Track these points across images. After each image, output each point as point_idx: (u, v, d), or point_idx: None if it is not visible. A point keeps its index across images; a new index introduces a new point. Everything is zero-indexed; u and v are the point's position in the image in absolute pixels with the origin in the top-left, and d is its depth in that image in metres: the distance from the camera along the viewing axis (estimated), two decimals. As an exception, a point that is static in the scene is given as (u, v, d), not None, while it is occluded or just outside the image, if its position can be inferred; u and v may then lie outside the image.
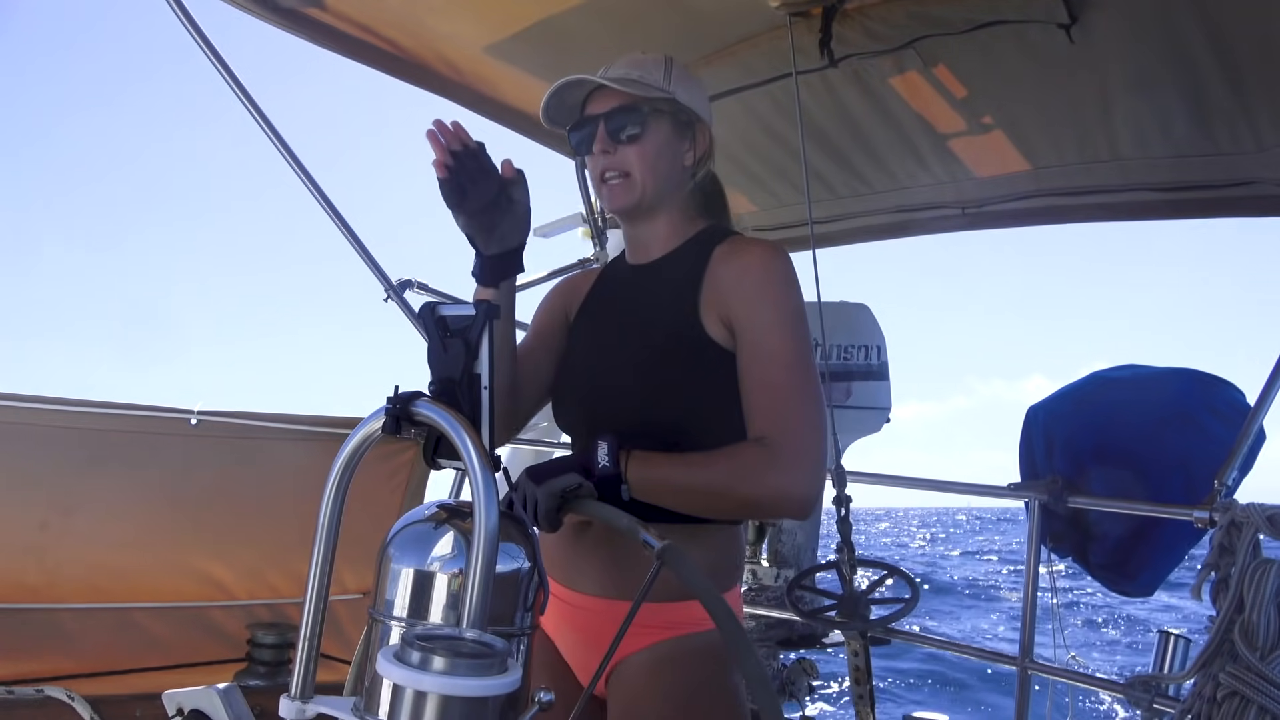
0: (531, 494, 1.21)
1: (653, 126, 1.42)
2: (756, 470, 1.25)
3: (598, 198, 1.48)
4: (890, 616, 2.50)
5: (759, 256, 1.38)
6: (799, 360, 1.31)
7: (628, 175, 1.42)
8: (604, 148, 1.42)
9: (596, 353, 1.49)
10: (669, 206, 1.48)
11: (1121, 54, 2.24)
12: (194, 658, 2.38)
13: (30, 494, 2.17)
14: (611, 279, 1.60)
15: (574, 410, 1.51)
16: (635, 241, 1.53)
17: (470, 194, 1.29)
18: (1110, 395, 2.45)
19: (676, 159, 1.46)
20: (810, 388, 1.31)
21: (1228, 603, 1.65)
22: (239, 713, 1.16)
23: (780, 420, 1.27)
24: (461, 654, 0.77)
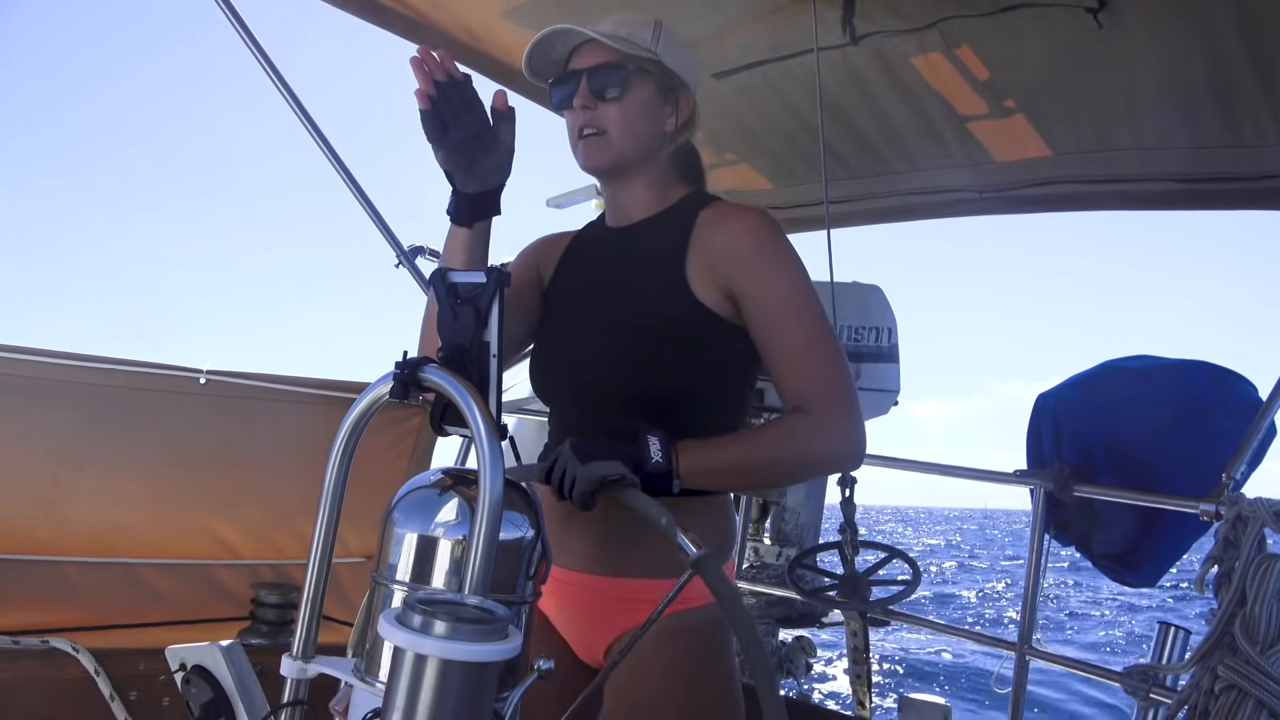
0: (572, 470, 1.20)
1: (636, 86, 1.40)
2: (803, 437, 1.27)
3: (575, 155, 1.44)
4: (890, 598, 2.51)
5: (753, 220, 1.37)
6: (817, 318, 1.33)
7: (604, 133, 1.39)
8: (584, 103, 1.39)
9: (579, 320, 1.45)
10: (646, 170, 1.45)
11: (1149, 41, 2.20)
12: (198, 615, 2.40)
13: (41, 448, 2.18)
14: (589, 242, 1.57)
15: (556, 379, 1.48)
16: (614, 204, 1.51)
17: (452, 127, 1.25)
18: (1121, 385, 2.43)
19: (657, 122, 1.43)
20: (832, 342, 1.33)
21: (1230, 596, 1.64)
22: (241, 670, 1.17)
23: (813, 383, 1.29)
24: (463, 619, 0.78)
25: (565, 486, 1.20)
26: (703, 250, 1.36)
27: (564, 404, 1.48)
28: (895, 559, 2.55)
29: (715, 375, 1.38)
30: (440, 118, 1.25)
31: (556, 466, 1.21)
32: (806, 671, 3.34)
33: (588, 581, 1.39)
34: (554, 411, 1.52)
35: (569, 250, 1.57)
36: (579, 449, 1.21)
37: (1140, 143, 2.55)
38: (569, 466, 1.20)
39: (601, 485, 1.18)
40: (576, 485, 1.18)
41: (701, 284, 1.35)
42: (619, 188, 1.48)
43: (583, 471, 1.18)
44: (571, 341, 1.45)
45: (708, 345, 1.35)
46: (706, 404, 1.38)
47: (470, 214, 1.34)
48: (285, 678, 1.06)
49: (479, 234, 1.36)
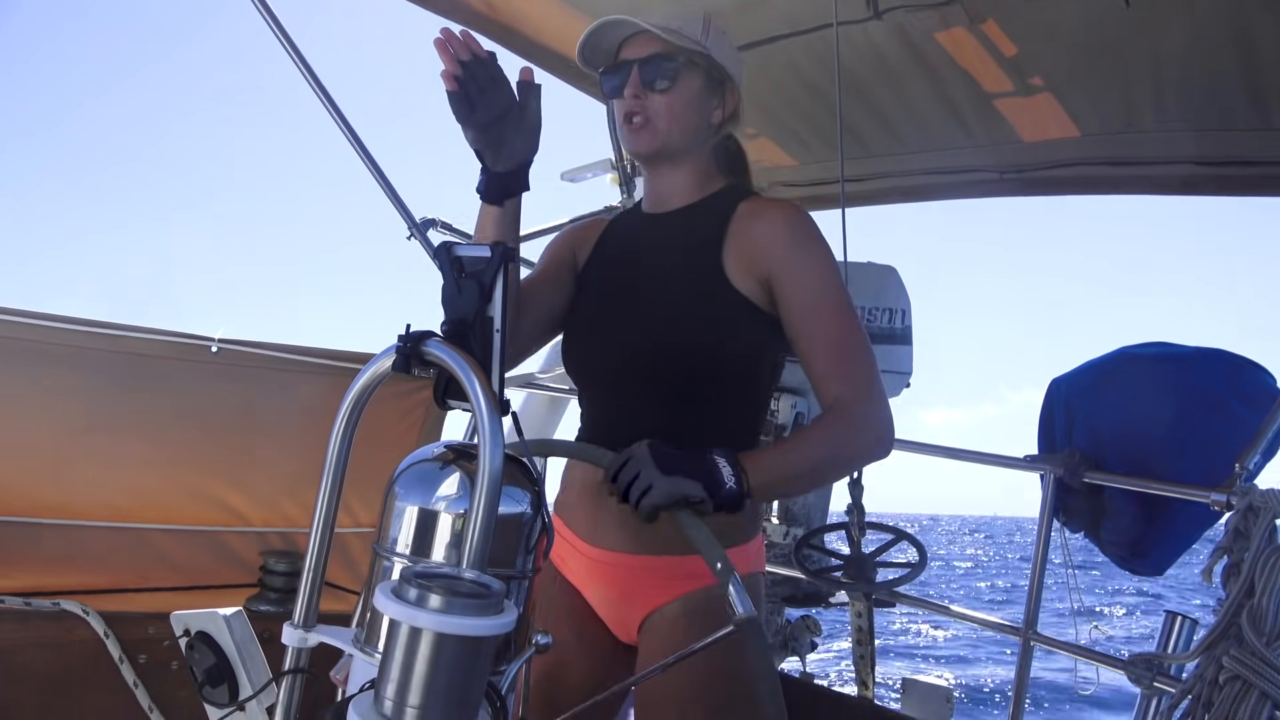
0: (649, 478, 1.19)
1: (685, 77, 1.43)
2: (851, 434, 1.32)
3: (621, 140, 1.49)
4: (896, 580, 2.50)
5: (791, 213, 1.41)
6: (849, 311, 1.37)
7: (651, 121, 1.43)
8: (635, 92, 1.42)
9: (613, 301, 1.48)
10: (691, 159, 1.48)
11: (1177, 21, 2.15)
12: (208, 580, 2.43)
13: (53, 412, 2.20)
14: (626, 228, 1.59)
15: (590, 359, 1.49)
16: (654, 191, 1.53)
17: (479, 106, 1.25)
18: (1136, 372, 2.40)
19: (704, 114, 1.47)
20: (863, 334, 1.37)
21: (1238, 587, 1.63)
22: (243, 637, 1.18)
23: (850, 378, 1.32)
24: (458, 593, 0.77)
25: (637, 491, 1.19)
26: (740, 239, 1.40)
27: (597, 384, 1.50)
28: (901, 541, 2.55)
29: (747, 361, 1.41)
30: (468, 97, 1.25)
31: (629, 467, 1.21)
32: (811, 650, 3.35)
33: (620, 560, 1.41)
34: (586, 392, 1.53)
35: (605, 234, 1.59)
36: (661, 459, 1.21)
37: (1166, 125, 2.51)
38: (646, 473, 1.19)
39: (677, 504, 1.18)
40: (652, 496, 1.17)
41: (737, 272, 1.38)
42: (661, 175, 1.51)
43: (665, 484, 1.18)
44: (607, 324, 1.47)
45: (741, 332, 1.38)
46: (737, 388, 1.42)
47: (501, 192, 1.35)
48: (286, 645, 1.06)
49: (510, 211, 1.37)
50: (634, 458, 1.21)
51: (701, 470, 1.21)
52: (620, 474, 1.21)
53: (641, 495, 1.18)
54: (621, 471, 1.21)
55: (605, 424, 1.47)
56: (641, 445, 1.23)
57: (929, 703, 2.89)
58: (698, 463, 1.22)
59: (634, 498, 1.19)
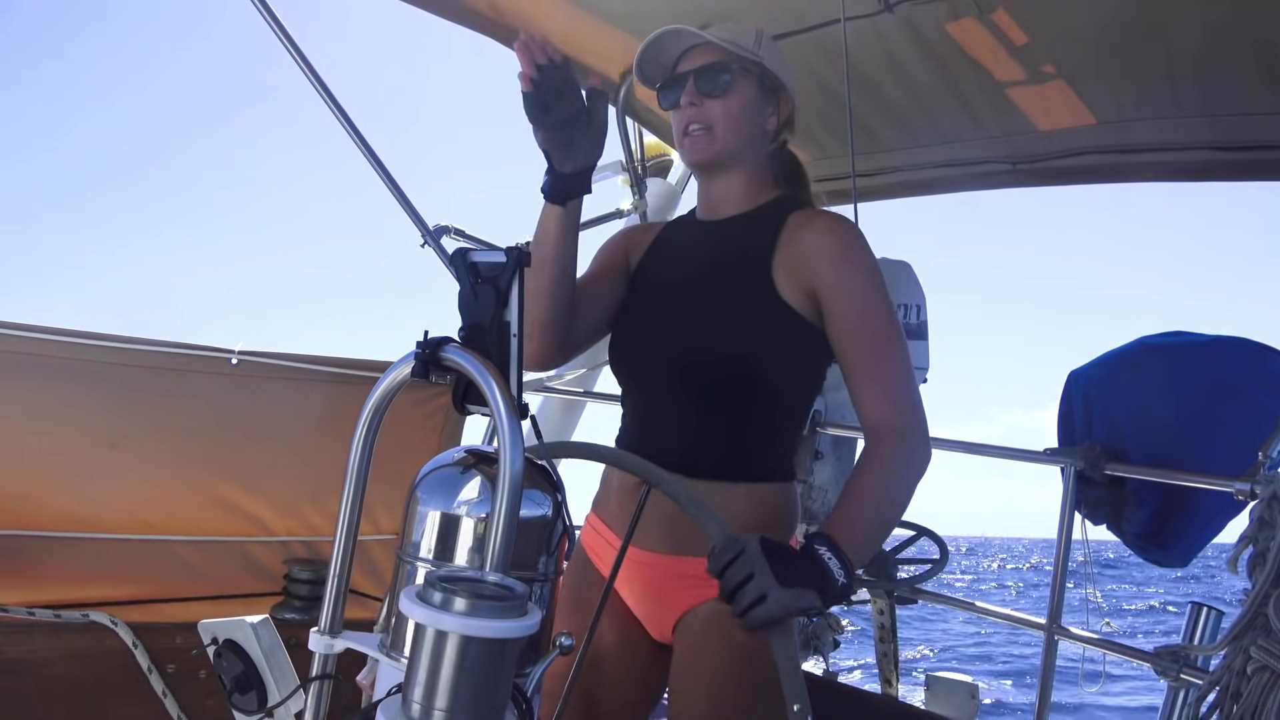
0: (763, 586, 1.10)
1: (740, 85, 1.47)
2: (907, 463, 1.31)
3: (679, 151, 1.52)
4: (917, 577, 2.50)
5: (836, 224, 1.43)
6: (893, 325, 1.38)
7: (710, 129, 1.46)
8: (691, 100, 1.46)
9: (663, 305, 1.50)
10: (747, 166, 1.51)
11: (1190, 3, 2.14)
12: (233, 590, 2.46)
13: (75, 427, 2.23)
14: (678, 233, 1.61)
15: (639, 361, 1.51)
16: (709, 198, 1.55)
17: (552, 109, 1.29)
18: (1154, 362, 2.38)
19: (759, 121, 1.50)
20: (904, 349, 1.38)
21: (1265, 577, 1.62)
22: (270, 644, 1.20)
23: (896, 399, 1.33)
24: (482, 596, 0.78)
25: (749, 599, 1.10)
26: (788, 250, 1.42)
27: (643, 386, 1.52)
28: (922, 538, 2.54)
29: (791, 371, 1.43)
30: (542, 99, 1.28)
31: (740, 565, 1.11)
32: (834, 649, 3.34)
33: (657, 560, 1.43)
34: (631, 393, 1.55)
35: (659, 239, 1.62)
36: (777, 563, 1.12)
37: (1181, 110, 2.49)
38: (761, 580, 1.10)
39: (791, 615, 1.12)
40: (769, 609, 1.10)
41: (786, 283, 1.40)
42: (716, 182, 1.53)
43: (784, 597, 1.10)
44: (656, 327, 1.49)
45: (786, 343, 1.40)
46: (780, 397, 1.44)
47: (565, 193, 1.38)
48: (312, 651, 1.07)
49: (571, 212, 1.41)
50: (746, 555, 1.12)
51: (815, 573, 1.15)
52: (729, 571, 1.12)
53: (753, 604, 1.10)
54: (731, 568, 1.12)
55: (648, 425, 1.49)
56: (754, 540, 1.14)
57: (954, 698, 2.88)
58: (810, 564, 1.16)
59: (743, 605, 1.10)
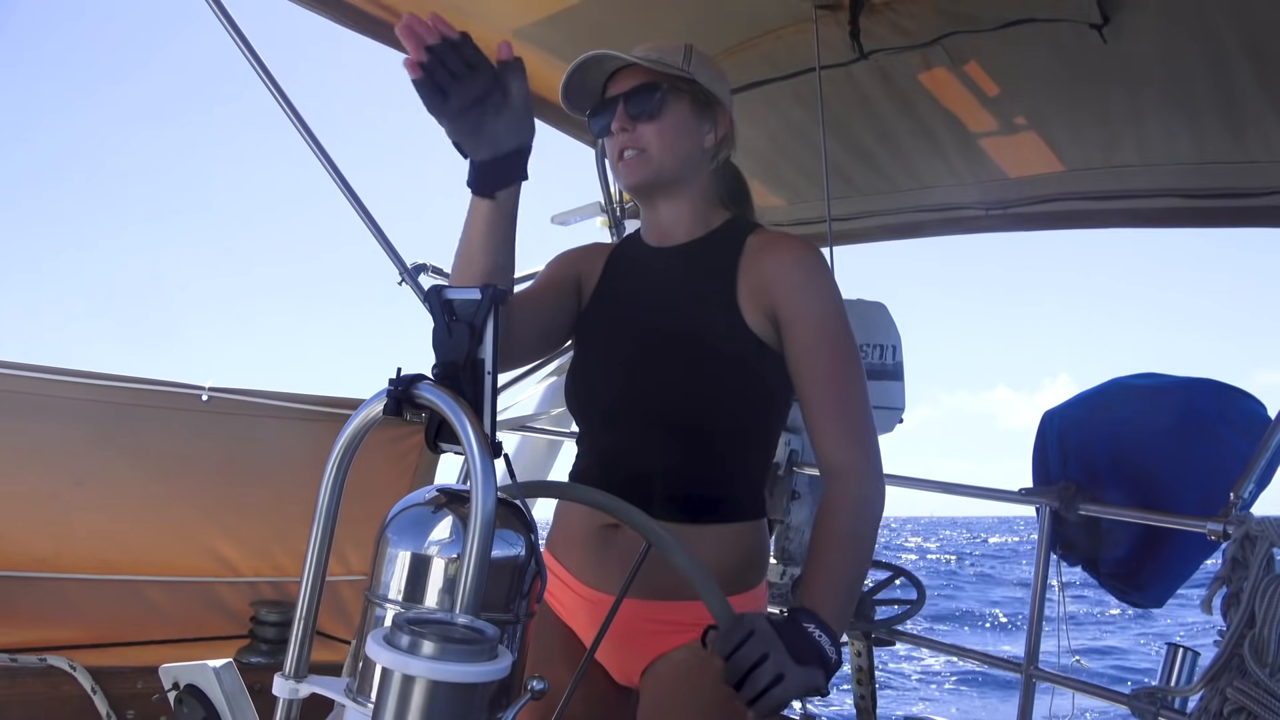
0: (779, 666, 1.08)
1: (672, 105, 1.40)
2: (868, 509, 1.28)
3: (615, 178, 1.46)
4: (895, 618, 2.48)
5: (802, 251, 1.38)
6: (853, 357, 1.34)
7: (644, 151, 1.40)
8: (622, 125, 1.40)
9: (624, 338, 1.44)
10: (689, 189, 1.45)
11: (1154, 56, 2.20)
12: (198, 633, 2.40)
13: (41, 464, 2.18)
14: (631, 262, 1.54)
15: (597, 395, 1.45)
16: (655, 224, 1.49)
17: (453, 94, 1.15)
18: (1127, 403, 2.41)
19: (696, 139, 1.44)
20: (861, 381, 1.35)
21: (1239, 617, 1.62)
22: (232, 689, 1.16)
23: (854, 438, 1.30)
24: (451, 639, 0.76)
25: (765, 679, 1.07)
26: (751, 275, 1.37)
27: (602, 423, 1.46)
28: (900, 578, 2.53)
29: (761, 403, 1.39)
30: (438, 86, 1.14)
31: (753, 645, 1.09)
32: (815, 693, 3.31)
33: (624, 605, 1.34)
34: (588, 428, 1.49)
35: (609, 267, 1.54)
36: (794, 645, 1.11)
37: (1147, 158, 2.55)
38: (777, 660, 1.08)
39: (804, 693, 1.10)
40: (783, 690, 1.07)
41: (751, 311, 1.36)
42: (660, 207, 1.47)
43: (801, 677, 1.09)
44: (615, 361, 1.43)
45: (756, 374, 1.36)
46: (750, 432, 1.40)
47: (488, 182, 1.24)
48: (278, 697, 1.04)
49: (503, 207, 1.26)
50: (758, 635, 1.09)
51: (815, 651, 1.13)
52: (741, 652, 1.09)
53: (771, 685, 1.07)
54: (743, 649, 1.09)
55: (611, 464, 1.42)
56: (761, 620, 1.12)
57: (932, 743, 2.85)
58: (808, 642, 1.14)
59: (759, 688, 1.07)
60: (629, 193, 1.46)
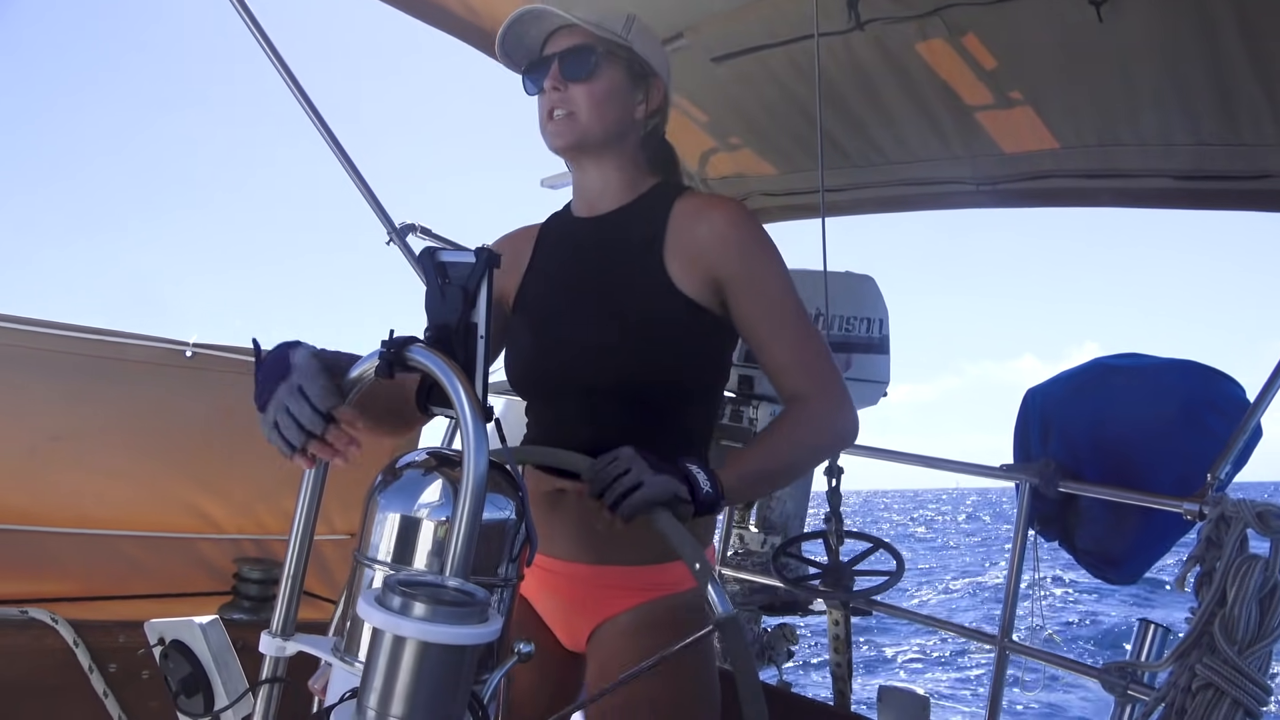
0: (640, 475, 1.17)
1: (605, 69, 1.41)
2: (817, 427, 1.35)
3: (544, 136, 1.44)
4: (873, 589, 2.51)
5: (737, 212, 1.40)
6: (801, 309, 1.38)
7: (572, 114, 1.40)
8: (554, 84, 1.40)
9: (556, 312, 1.44)
10: (617, 155, 1.45)
11: (1150, 36, 2.19)
12: (180, 588, 2.39)
13: (19, 417, 2.15)
14: (558, 233, 1.54)
15: (534, 371, 1.47)
16: (584, 192, 1.50)
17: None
18: (1110, 383, 2.43)
19: (627, 107, 1.44)
20: (815, 329, 1.41)
21: (1210, 596, 1.65)
22: (219, 646, 1.17)
23: (811, 371, 1.36)
24: (442, 601, 0.77)
25: (624, 487, 1.16)
26: (683, 240, 1.38)
27: (543, 397, 1.48)
28: (879, 549, 2.56)
29: (697, 365, 1.40)
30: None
31: (616, 464, 1.18)
32: (788, 659, 3.36)
33: (572, 570, 1.39)
34: (532, 400, 1.50)
35: (539, 243, 1.55)
36: (649, 458, 1.19)
37: (1140, 139, 2.55)
38: (636, 469, 1.17)
39: (663, 504, 1.16)
40: (642, 493, 1.16)
41: (683, 274, 1.37)
42: (588, 171, 1.47)
43: (657, 482, 1.17)
44: (550, 334, 1.43)
45: (689, 336, 1.37)
46: (688, 394, 1.41)
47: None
48: (263, 654, 1.05)
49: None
50: (621, 456, 1.19)
51: (681, 474, 1.21)
52: (607, 469, 1.18)
53: (628, 492, 1.16)
54: (609, 467, 1.18)
55: (550, 434, 1.43)
56: (626, 447, 1.21)
57: (907, 711, 2.91)
58: (677, 468, 1.22)
59: (618, 493, 1.16)
60: (556, 153, 1.46)
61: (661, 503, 1.16)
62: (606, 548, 1.36)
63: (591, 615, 1.41)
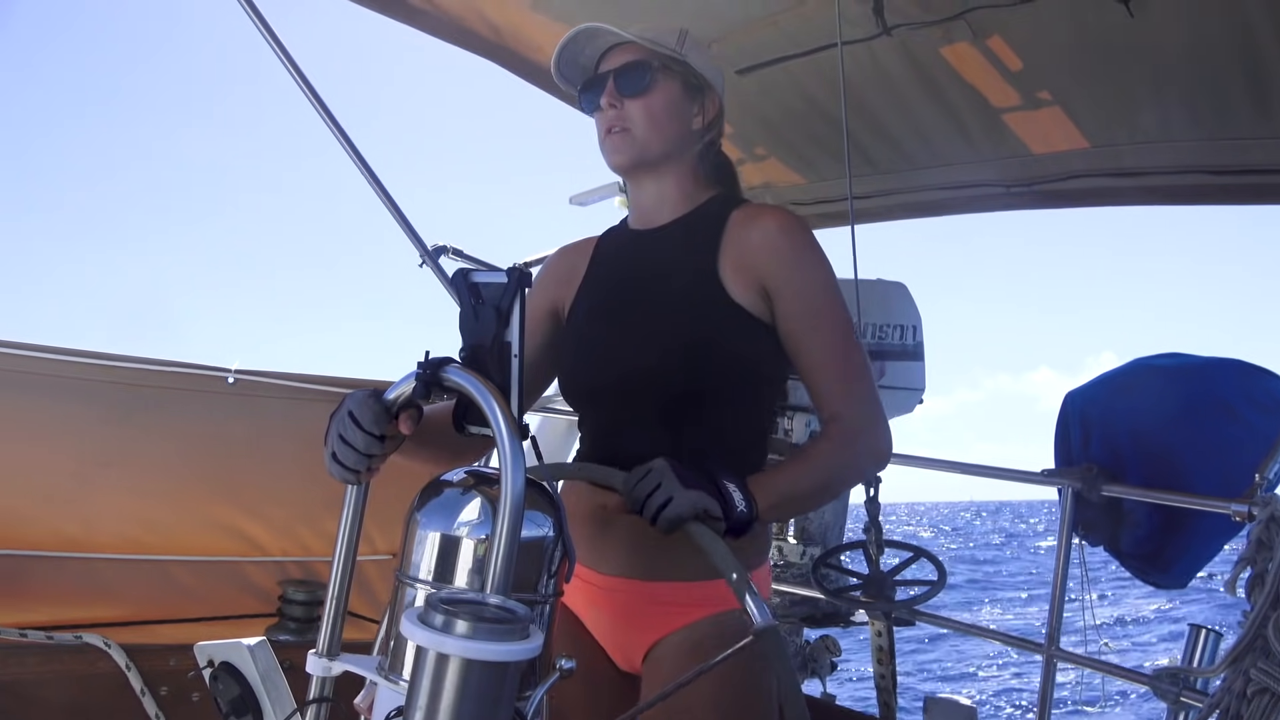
0: (670, 490, 1.17)
1: (662, 83, 1.42)
2: (850, 455, 1.35)
3: (603, 154, 1.46)
4: (916, 599, 2.49)
5: (788, 221, 1.40)
6: (847, 323, 1.39)
7: (630, 130, 1.41)
8: (611, 101, 1.41)
9: (611, 323, 1.45)
10: (676, 168, 1.46)
11: (1181, 30, 2.16)
12: (227, 611, 2.44)
13: (69, 446, 2.21)
14: (615, 247, 1.55)
15: (588, 381, 1.47)
16: (641, 205, 1.51)
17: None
18: (1150, 383, 2.39)
19: (684, 120, 1.45)
20: (860, 346, 1.39)
21: (1263, 598, 1.61)
22: (267, 667, 1.19)
23: (850, 391, 1.35)
24: (484, 618, 0.78)
25: (656, 503, 1.17)
26: (736, 248, 1.39)
27: (596, 408, 1.48)
28: (920, 558, 2.53)
29: (750, 376, 1.40)
30: None
31: (649, 479, 1.19)
32: (832, 671, 3.32)
33: (622, 585, 1.38)
34: (585, 416, 1.50)
35: (595, 257, 1.56)
36: (681, 473, 1.20)
37: (1172, 134, 2.51)
38: (667, 485, 1.18)
39: (695, 518, 1.17)
40: (673, 508, 1.16)
41: (736, 282, 1.37)
42: (646, 187, 1.48)
43: (687, 498, 1.17)
44: (604, 344, 1.44)
45: (743, 346, 1.37)
46: (740, 405, 1.40)
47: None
48: (310, 674, 1.07)
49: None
50: (653, 470, 1.20)
51: (714, 490, 1.21)
52: (639, 485, 1.19)
53: (661, 508, 1.17)
54: (641, 483, 1.19)
55: (606, 447, 1.44)
56: (660, 460, 1.22)
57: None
58: (711, 483, 1.22)
59: (653, 509, 1.17)
60: (614, 171, 1.48)
61: (692, 517, 1.17)
62: (658, 563, 1.35)
63: (645, 633, 1.39)
